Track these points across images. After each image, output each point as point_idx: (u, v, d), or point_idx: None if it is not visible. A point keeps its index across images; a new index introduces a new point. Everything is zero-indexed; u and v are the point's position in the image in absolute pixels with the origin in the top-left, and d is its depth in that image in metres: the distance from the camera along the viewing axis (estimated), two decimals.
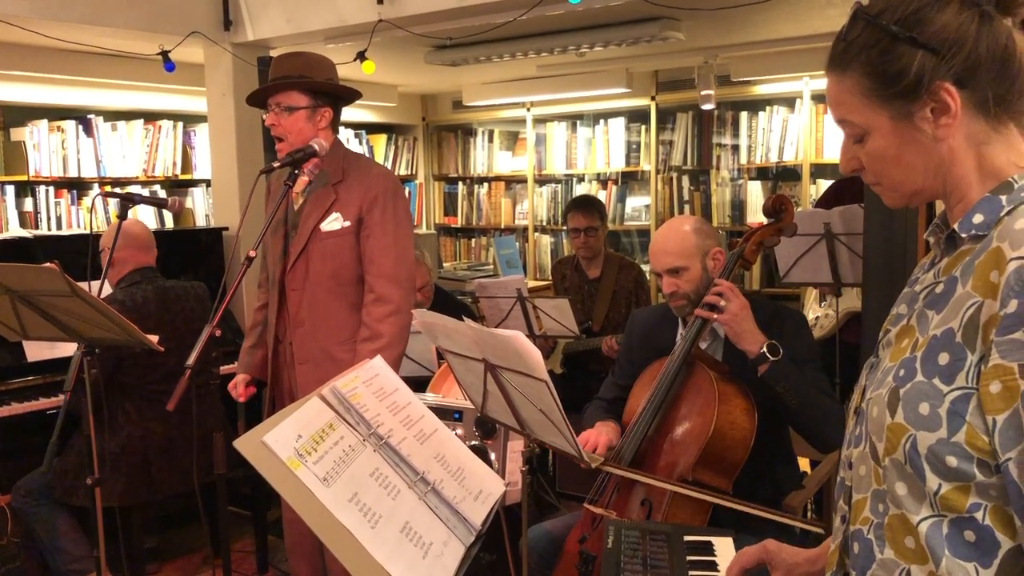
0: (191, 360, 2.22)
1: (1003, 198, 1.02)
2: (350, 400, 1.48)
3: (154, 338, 2.46)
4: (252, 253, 2.35)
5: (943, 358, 0.98)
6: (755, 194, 5.57)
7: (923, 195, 1.11)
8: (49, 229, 4.65)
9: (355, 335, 2.77)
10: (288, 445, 1.26)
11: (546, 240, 6.55)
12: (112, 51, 4.42)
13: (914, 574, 1.01)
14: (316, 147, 2.67)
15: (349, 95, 2.85)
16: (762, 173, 5.65)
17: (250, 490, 3.81)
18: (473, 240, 6.96)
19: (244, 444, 1.25)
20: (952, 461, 0.96)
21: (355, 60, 3.97)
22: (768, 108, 5.45)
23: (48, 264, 2.15)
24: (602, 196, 6.16)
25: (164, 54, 4.12)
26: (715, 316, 2.28)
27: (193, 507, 3.99)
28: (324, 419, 1.39)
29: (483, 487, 1.60)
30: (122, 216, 2.77)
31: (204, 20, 4.20)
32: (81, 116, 4.75)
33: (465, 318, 1.83)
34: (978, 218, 1.03)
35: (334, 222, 2.74)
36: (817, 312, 3.90)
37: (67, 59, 4.47)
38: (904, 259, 2.31)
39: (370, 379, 1.59)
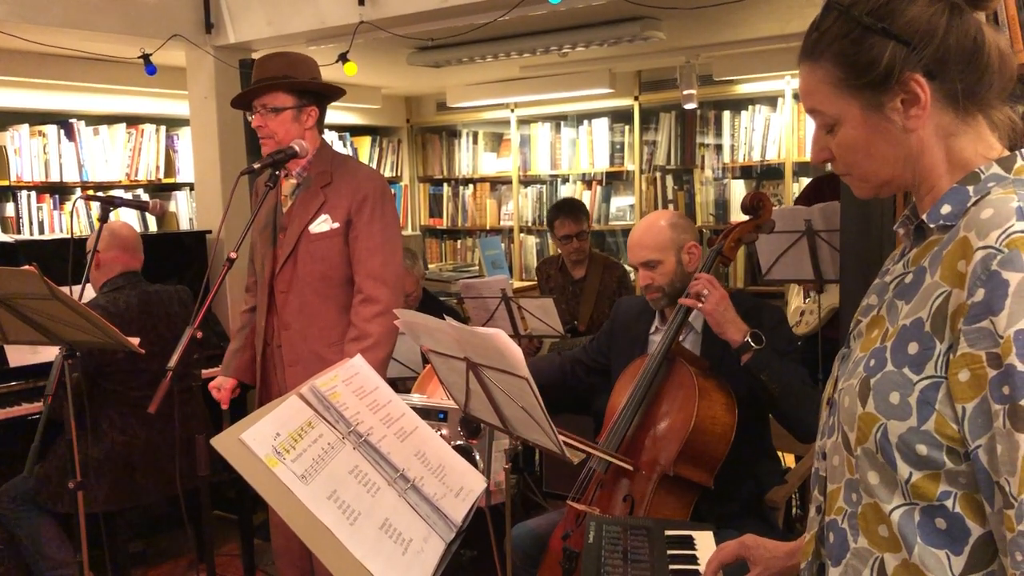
0: (172, 362, 2.21)
1: (970, 188, 1.04)
2: (329, 398, 1.48)
3: (135, 340, 2.45)
4: (233, 255, 2.35)
5: (912, 347, 1.00)
6: (738, 193, 5.59)
7: (892, 185, 1.12)
8: (31, 234, 4.62)
9: (344, 336, 2.77)
10: (266, 443, 1.26)
11: (531, 241, 6.56)
12: (93, 55, 4.41)
13: (887, 562, 1.03)
14: (297, 148, 2.67)
15: (334, 92, 2.86)
16: (745, 172, 5.68)
17: (235, 494, 3.79)
18: (458, 241, 6.96)
19: (222, 442, 1.25)
20: (922, 449, 0.97)
21: (337, 62, 3.97)
22: (750, 107, 5.48)
23: (27, 267, 2.14)
24: (587, 196, 6.18)
25: (145, 57, 4.10)
26: (699, 304, 2.29)
27: (178, 511, 3.98)
28: (303, 417, 1.39)
29: (464, 484, 1.61)
30: (103, 219, 2.76)
31: (185, 23, 4.19)
32: (62, 120, 4.73)
33: (448, 318, 1.83)
34: (946, 208, 1.04)
35: (323, 224, 2.74)
36: (801, 306, 3.91)
37: (47, 63, 4.44)
38: (880, 253, 2.32)
39: (350, 377, 1.60)
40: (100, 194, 3.63)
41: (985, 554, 0.97)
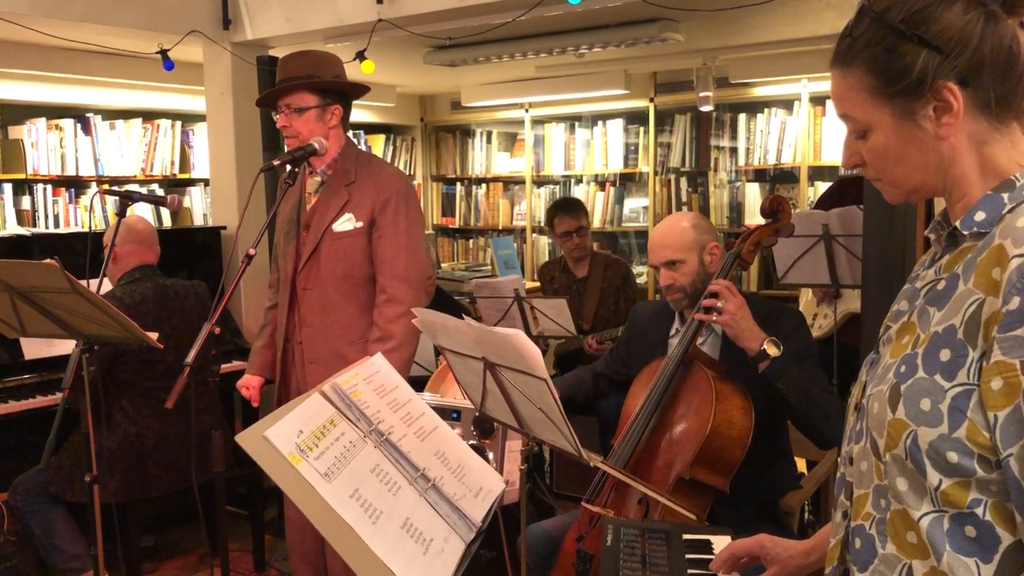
0: (190, 358, 2.22)
1: (1005, 196, 1.03)
2: (351, 396, 1.48)
3: (153, 335, 2.46)
4: (252, 251, 2.35)
5: (945, 354, 0.99)
6: (753, 196, 5.58)
7: (923, 192, 1.11)
8: (47, 227, 4.65)
9: (365, 335, 2.78)
10: (289, 440, 1.26)
11: (544, 241, 6.55)
12: (110, 49, 4.42)
13: (916, 569, 1.02)
14: (316, 145, 2.67)
15: (358, 91, 2.86)
16: (760, 175, 5.67)
17: (246, 489, 3.80)
18: (471, 241, 6.96)
19: (246, 439, 1.25)
20: (953, 457, 0.97)
21: (354, 60, 3.97)
22: (766, 110, 5.46)
23: (48, 260, 2.15)
24: (600, 198, 6.18)
25: (163, 53, 4.12)
26: (714, 317, 2.28)
27: (190, 506, 3.98)
28: (325, 415, 1.39)
29: (483, 484, 1.60)
30: (121, 214, 2.77)
31: (203, 19, 4.20)
32: (79, 115, 4.75)
33: (467, 319, 1.83)
34: (980, 215, 1.04)
35: (346, 222, 2.74)
36: (815, 311, 3.90)
37: (65, 57, 4.47)
38: (903, 260, 2.31)
39: (370, 376, 1.60)
40: (117, 188, 3.64)
41: (1015, 563, 0.96)
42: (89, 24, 3.83)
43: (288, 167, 2.68)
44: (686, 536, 1.72)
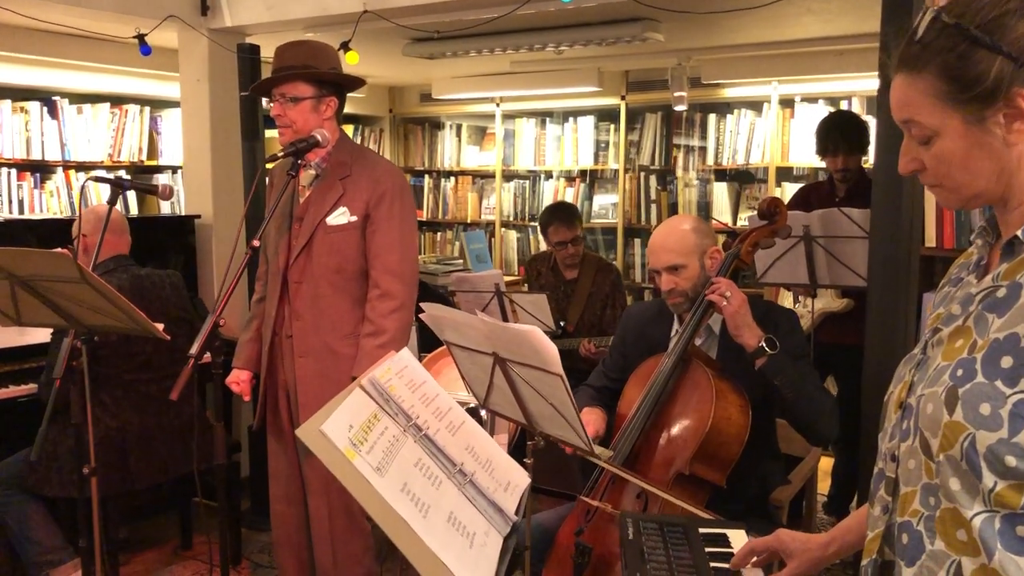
0: (194, 349, 2.20)
1: None
2: (388, 391, 1.49)
3: (159, 326, 2.42)
4: (256, 243, 2.34)
5: (1006, 361, 1.02)
6: (721, 195, 5.67)
7: (982, 199, 1.14)
8: (11, 212, 4.53)
9: (356, 329, 2.77)
10: (343, 435, 1.27)
11: (513, 235, 6.58)
12: (81, 32, 4.32)
13: (965, 566, 1.05)
14: (319, 137, 2.66)
15: (354, 84, 2.85)
16: (728, 175, 5.76)
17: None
18: (439, 234, 6.95)
19: (305, 433, 1.25)
20: (1011, 461, 1.00)
21: (338, 50, 3.93)
22: (736, 111, 5.55)
23: (59, 249, 2.11)
24: (569, 193, 6.22)
25: (140, 37, 4.04)
26: (724, 303, 2.32)
27: (164, 498, 3.93)
28: (368, 410, 1.39)
29: (510, 479, 1.63)
30: (112, 202, 2.71)
31: (180, 4, 4.13)
32: (46, 97, 4.64)
33: (480, 313, 1.85)
34: None
35: (340, 216, 2.73)
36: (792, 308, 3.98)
37: (33, 39, 4.35)
38: (908, 266, 2.38)
39: (401, 370, 1.61)
40: (108, 176, 3.56)
41: None
42: (64, 5, 3.73)
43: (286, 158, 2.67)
44: (702, 530, 1.77)
